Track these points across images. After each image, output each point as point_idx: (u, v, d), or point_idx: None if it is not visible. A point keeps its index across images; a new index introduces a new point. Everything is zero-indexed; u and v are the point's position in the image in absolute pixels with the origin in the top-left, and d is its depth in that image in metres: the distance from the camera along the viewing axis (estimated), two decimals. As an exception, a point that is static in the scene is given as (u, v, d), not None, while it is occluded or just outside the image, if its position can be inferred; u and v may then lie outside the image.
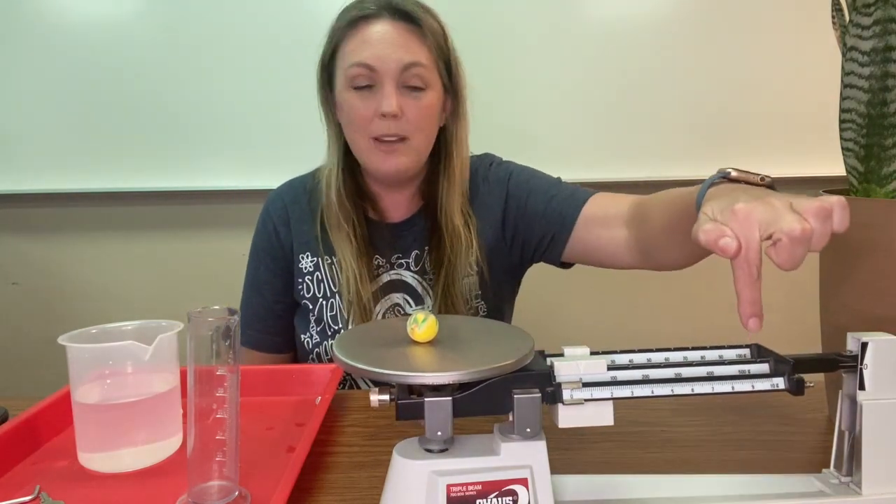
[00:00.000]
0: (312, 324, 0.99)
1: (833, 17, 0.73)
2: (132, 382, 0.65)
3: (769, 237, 0.46)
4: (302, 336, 1.00)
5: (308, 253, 1.00)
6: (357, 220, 0.96)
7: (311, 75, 0.96)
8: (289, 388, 0.83)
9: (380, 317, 0.97)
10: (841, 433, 0.54)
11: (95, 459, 0.64)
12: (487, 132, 1.05)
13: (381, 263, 0.98)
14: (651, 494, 0.54)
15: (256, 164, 1.82)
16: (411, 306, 0.97)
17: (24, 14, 1.75)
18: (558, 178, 1.01)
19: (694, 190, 0.66)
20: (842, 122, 0.71)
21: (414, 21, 0.88)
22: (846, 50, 0.69)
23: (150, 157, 1.82)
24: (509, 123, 1.77)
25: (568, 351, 0.53)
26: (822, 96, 1.14)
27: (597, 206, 0.93)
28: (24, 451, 0.66)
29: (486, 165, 1.03)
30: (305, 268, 1.00)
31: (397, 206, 1.00)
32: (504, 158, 1.06)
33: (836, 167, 0.78)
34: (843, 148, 0.71)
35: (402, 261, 0.99)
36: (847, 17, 0.69)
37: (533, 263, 1.03)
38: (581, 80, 1.82)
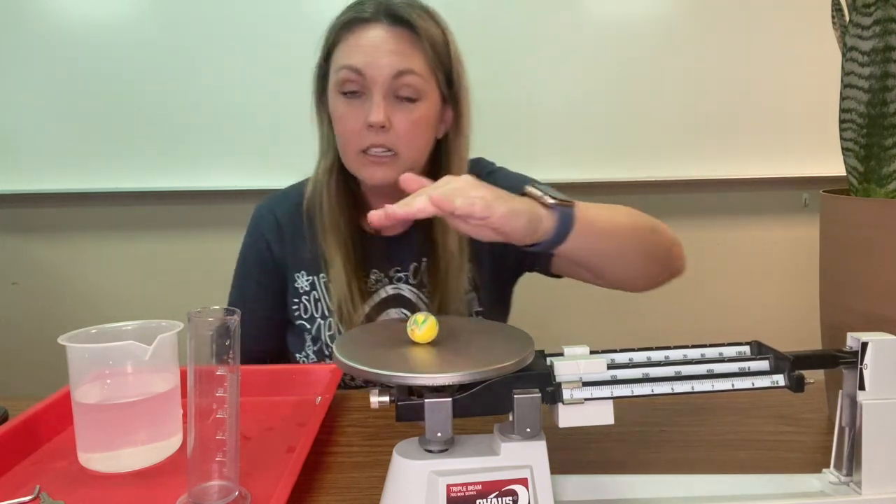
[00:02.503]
0: (308, 343, 0.96)
1: (833, 17, 0.73)
2: (132, 382, 0.65)
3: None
4: (297, 356, 0.97)
5: (303, 271, 0.96)
6: (349, 229, 0.92)
7: (311, 75, 0.96)
8: (289, 388, 0.83)
9: None
10: (841, 430, 0.54)
11: (95, 459, 0.64)
12: (486, 132, 1.05)
13: (379, 278, 0.95)
14: (651, 494, 0.54)
15: (256, 164, 1.82)
16: None
17: (24, 14, 1.75)
18: None
19: None
20: (842, 122, 0.71)
21: (411, 27, 0.84)
22: (846, 50, 0.69)
23: (150, 157, 1.82)
24: (507, 124, 1.77)
25: (568, 350, 0.53)
26: (822, 96, 1.14)
27: None
28: (24, 451, 0.66)
29: (480, 174, 1.00)
30: (301, 287, 0.96)
31: None
32: (497, 165, 1.03)
33: (836, 167, 0.78)
34: (843, 148, 0.71)
35: (401, 273, 0.95)
36: (847, 17, 0.69)
37: (525, 272, 1.02)
38: (580, 80, 1.82)
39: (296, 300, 0.97)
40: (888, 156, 0.67)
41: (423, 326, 0.52)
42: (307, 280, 0.96)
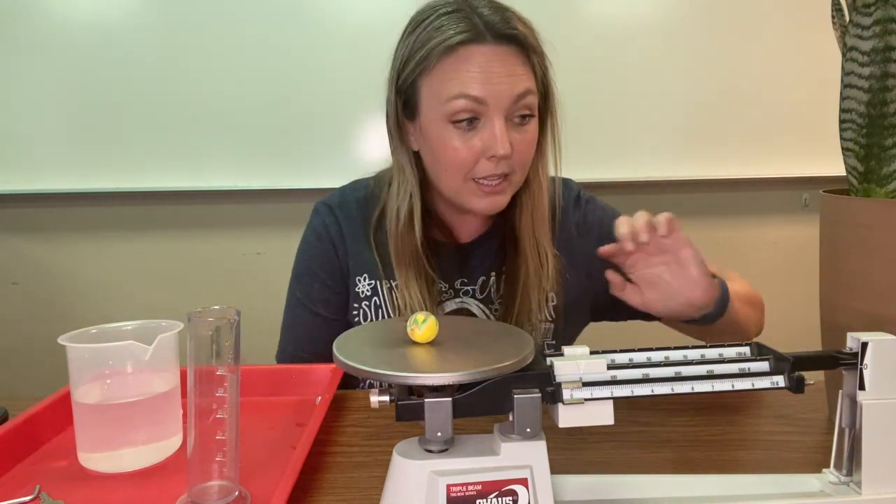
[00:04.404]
0: None
1: (833, 17, 0.73)
2: (132, 382, 0.65)
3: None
4: None
5: (366, 275, 0.92)
6: (426, 247, 0.87)
7: (311, 75, 0.96)
8: (289, 388, 0.83)
9: None
10: (841, 430, 0.54)
11: (95, 459, 0.64)
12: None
13: (443, 289, 0.90)
14: (651, 494, 0.54)
15: (256, 164, 1.82)
16: None
17: (25, 14, 1.75)
18: None
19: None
20: (842, 122, 0.71)
21: (518, 42, 0.79)
22: (846, 50, 0.69)
23: (150, 157, 1.82)
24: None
25: (568, 350, 0.53)
26: (822, 96, 1.14)
27: None
28: (24, 451, 0.66)
29: (571, 198, 0.96)
30: (363, 292, 0.92)
31: (466, 224, 0.92)
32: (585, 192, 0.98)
33: (836, 167, 0.78)
34: (843, 148, 0.71)
35: (468, 287, 0.91)
36: (847, 17, 0.69)
37: (610, 314, 0.97)
38: (579, 81, 1.82)
39: (356, 305, 0.93)
40: (888, 156, 0.67)
41: (423, 326, 0.52)
42: (369, 284, 0.92)
